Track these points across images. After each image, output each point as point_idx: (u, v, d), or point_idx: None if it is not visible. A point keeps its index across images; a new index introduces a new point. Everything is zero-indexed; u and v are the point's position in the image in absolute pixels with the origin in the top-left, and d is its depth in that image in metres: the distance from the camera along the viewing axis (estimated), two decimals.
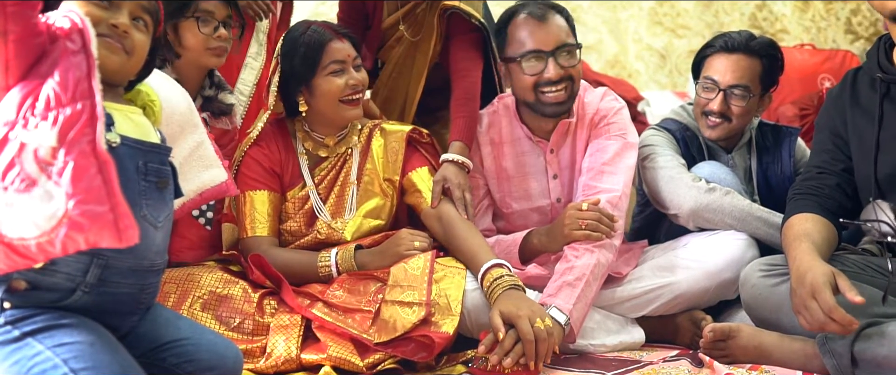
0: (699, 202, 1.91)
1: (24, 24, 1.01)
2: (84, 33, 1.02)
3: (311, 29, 1.86)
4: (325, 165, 1.94)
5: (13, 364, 1.01)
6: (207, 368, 1.24)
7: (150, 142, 1.18)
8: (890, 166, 1.59)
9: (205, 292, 1.65)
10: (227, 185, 1.60)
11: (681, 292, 1.84)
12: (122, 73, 1.20)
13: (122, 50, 1.16)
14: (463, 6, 2.07)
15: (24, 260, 0.98)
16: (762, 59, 2.05)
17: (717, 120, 2.05)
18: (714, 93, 2.04)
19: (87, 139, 0.96)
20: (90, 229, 0.94)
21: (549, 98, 1.89)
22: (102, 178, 0.95)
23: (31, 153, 0.96)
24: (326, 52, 1.83)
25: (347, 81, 1.84)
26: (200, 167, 1.55)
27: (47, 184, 0.94)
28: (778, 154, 2.12)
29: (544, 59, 1.88)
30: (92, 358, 1.01)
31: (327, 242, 1.89)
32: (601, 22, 4.50)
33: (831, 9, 4.61)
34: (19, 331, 1.04)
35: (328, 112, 1.87)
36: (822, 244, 1.57)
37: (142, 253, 1.15)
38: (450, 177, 1.88)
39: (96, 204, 0.94)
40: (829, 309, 1.36)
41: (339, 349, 1.57)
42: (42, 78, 0.99)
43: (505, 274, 1.64)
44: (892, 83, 1.61)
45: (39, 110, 0.97)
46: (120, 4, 1.16)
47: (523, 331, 1.49)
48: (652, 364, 1.64)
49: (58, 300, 1.08)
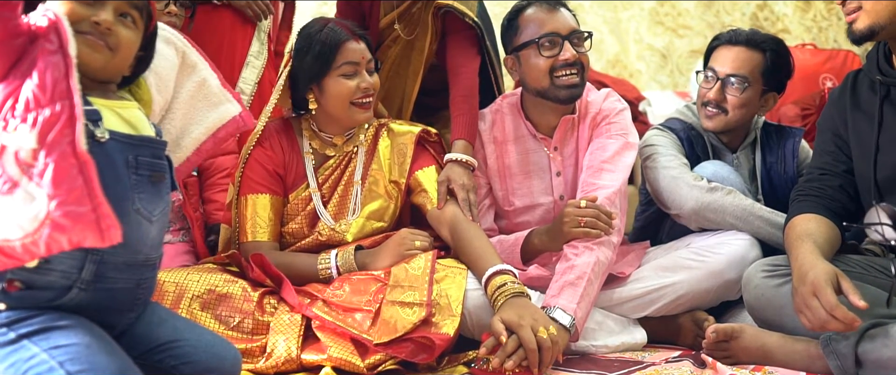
0: (701, 202, 1.91)
1: (3, 25, 1.00)
2: (61, 32, 1.01)
3: (328, 27, 1.84)
4: (329, 164, 1.92)
5: (8, 366, 1.01)
6: (205, 369, 1.23)
7: (141, 136, 1.17)
8: (889, 168, 1.59)
9: (204, 291, 1.64)
10: (242, 118, 1.52)
11: (683, 292, 1.84)
12: (107, 71, 1.18)
13: (106, 47, 1.15)
14: (457, 5, 2.07)
15: (12, 261, 0.98)
16: (765, 52, 2.05)
17: (713, 110, 2.07)
18: (713, 83, 2.07)
19: (67, 140, 0.95)
20: (73, 229, 0.94)
21: (565, 81, 1.92)
22: (83, 179, 0.95)
23: (11, 155, 0.96)
24: (341, 52, 1.81)
25: (359, 84, 1.82)
26: (207, 106, 1.49)
27: (29, 185, 0.94)
28: (781, 154, 2.12)
29: (559, 42, 1.92)
30: (88, 360, 1.00)
31: (328, 244, 1.88)
32: (602, 22, 4.50)
33: (833, 8, 4.61)
34: (15, 333, 1.03)
35: (338, 113, 1.85)
36: (825, 244, 1.57)
37: (136, 248, 1.15)
38: (454, 177, 1.88)
39: (77, 204, 0.94)
40: (831, 307, 1.36)
41: (339, 349, 1.56)
42: (22, 78, 0.99)
43: (509, 282, 1.63)
44: (891, 86, 1.61)
45: (19, 112, 0.97)
46: (104, 2, 1.15)
47: (526, 340, 1.49)
48: (654, 365, 1.63)
49: (54, 298, 1.08)
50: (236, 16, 2.29)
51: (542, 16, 1.94)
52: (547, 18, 1.94)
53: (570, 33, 1.93)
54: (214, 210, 2.11)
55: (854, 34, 1.58)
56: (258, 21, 2.33)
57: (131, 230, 1.12)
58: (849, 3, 1.57)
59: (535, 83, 1.96)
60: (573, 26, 1.95)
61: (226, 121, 1.50)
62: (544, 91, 1.95)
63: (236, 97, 1.55)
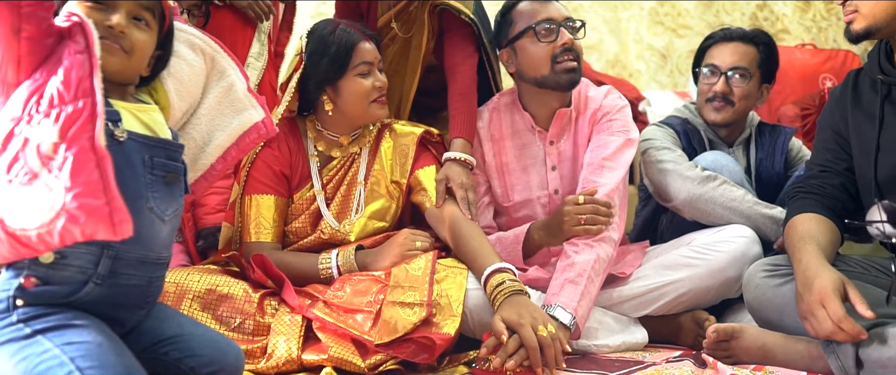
0: (692, 193, 1.97)
1: (37, 24, 1.05)
2: (87, 34, 1.06)
3: (340, 28, 1.86)
4: (333, 165, 1.93)
5: (21, 359, 1.04)
6: (209, 362, 1.25)
7: (158, 138, 1.21)
8: (890, 167, 1.59)
9: (204, 291, 1.65)
10: (264, 124, 1.50)
11: (684, 290, 1.85)
12: (124, 73, 1.21)
13: (121, 50, 1.18)
14: (453, 2, 2.08)
15: (27, 250, 1.02)
16: (759, 46, 2.17)
17: (721, 103, 2.14)
18: (716, 78, 2.15)
19: (86, 135, 1.00)
20: (86, 221, 0.98)
21: (565, 66, 1.94)
22: (100, 173, 0.99)
23: (34, 148, 1.00)
24: (357, 53, 1.83)
25: (375, 83, 1.85)
26: (232, 112, 1.49)
27: (48, 177, 0.99)
28: (772, 150, 2.20)
29: (555, 28, 1.94)
30: (98, 358, 1.03)
31: (330, 243, 1.89)
32: (602, 21, 4.51)
33: (832, 8, 4.61)
34: (31, 329, 1.06)
35: (357, 112, 1.87)
36: (827, 245, 1.57)
37: (149, 245, 1.18)
38: (452, 176, 1.88)
39: (93, 197, 0.98)
40: (839, 319, 1.36)
41: (340, 349, 1.56)
42: (47, 75, 1.04)
43: (508, 280, 1.63)
44: (892, 85, 1.62)
45: (43, 107, 1.02)
46: (116, 5, 1.18)
47: (526, 339, 1.49)
48: (655, 365, 1.63)
49: (70, 294, 1.10)
50: (237, 17, 2.29)
51: (536, 6, 1.98)
52: (540, 8, 1.97)
53: (565, 20, 1.96)
54: (204, 214, 2.09)
55: (851, 34, 1.60)
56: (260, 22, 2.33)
57: (145, 228, 1.15)
58: (848, 4, 1.58)
59: (534, 72, 1.97)
60: (566, 14, 1.98)
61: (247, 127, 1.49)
62: (544, 79, 1.96)
63: (261, 102, 1.52)
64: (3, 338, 1.07)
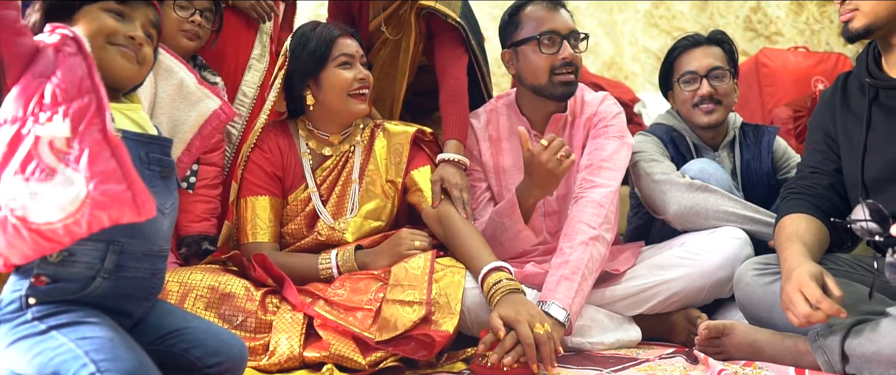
0: (682, 205, 1.96)
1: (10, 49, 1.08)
2: (78, 40, 1.10)
3: (321, 25, 1.91)
4: (327, 165, 1.95)
5: (36, 354, 1.07)
6: (214, 353, 1.28)
7: (150, 134, 1.25)
8: (876, 169, 1.62)
9: (207, 290, 1.67)
10: (222, 111, 1.62)
11: (677, 290, 1.86)
12: (133, 81, 1.28)
13: (136, 60, 1.24)
14: (438, 6, 2.11)
15: (51, 245, 1.04)
16: (722, 45, 2.22)
17: (710, 104, 2.15)
18: (697, 83, 2.16)
19: (97, 127, 1.03)
20: (112, 206, 1.01)
21: (562, 79, 1.96)
22: (117, 161, 1.02)
23: (46, 145, 1.02)
24: (336, 45, 1.87)
25: (356, 75, 1.87)
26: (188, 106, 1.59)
27: (66, 170, 1.01)
28: (758, 150, 2.21)
29: (559, 40, 1.96)
30: (111, 352, 1.05)
31: (328, 243, 1.91)
32: (597, 24, 4.53)
33: (825, 11, 4.63)
34: (45, 325, 1.09)
35: (336, 106, 1.89)
36: (814, 245, 1.59)
37: (152, 239, 1.21)
38: (447, 177, 1.91)
39: (114, 183, 1.01)
40: (817, 300, 1.38)
41: (341, 346, 1.58)
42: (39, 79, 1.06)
43: (504, 278, 1.65)
44: (880, 88, 1.64)
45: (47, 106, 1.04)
46: (134, 17, 1.25)
47: (523, 335, 1.51)
48: (648, 362, 1.66)
49: (80, 289, 1.14)
50: (239, 18, 2.30)
51: (543, 14, 1.99)
52: (547, 17, 1.98)
53: (569, 33, 1.97)
54: (189, 222, 2.04)
55: (849, 32, 1.61)
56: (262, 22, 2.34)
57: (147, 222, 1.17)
58: (847, 2, 1.60)
59: (532, 79, 2.00)
60: (572, 26, 2.00)
61: (207, 116, 1.60)
62: (541, 87, 1.99)
63: (214, 91, 1.63)
64: (19, 335, 1.09)
